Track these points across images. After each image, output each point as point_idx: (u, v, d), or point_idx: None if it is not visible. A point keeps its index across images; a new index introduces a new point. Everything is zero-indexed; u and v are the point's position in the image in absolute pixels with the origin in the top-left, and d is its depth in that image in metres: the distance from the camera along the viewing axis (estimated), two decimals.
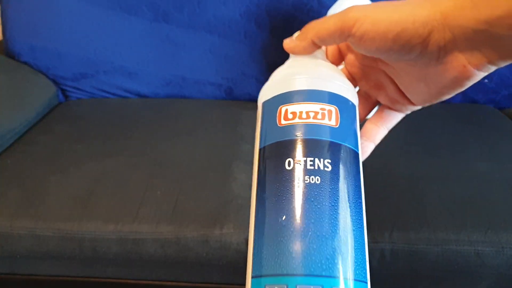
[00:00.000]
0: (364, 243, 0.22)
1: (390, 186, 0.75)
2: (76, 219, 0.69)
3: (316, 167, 0.23)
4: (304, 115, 0.24)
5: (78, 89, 1.12)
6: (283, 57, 0.25)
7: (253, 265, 0.22)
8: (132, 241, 0.68)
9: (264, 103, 0.27)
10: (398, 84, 0.27)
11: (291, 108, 0.25)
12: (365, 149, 0.29)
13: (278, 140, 0.24)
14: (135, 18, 1.05)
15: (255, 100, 1.15)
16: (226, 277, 0.74)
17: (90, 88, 1.12)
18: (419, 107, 0.28)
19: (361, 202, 0.24)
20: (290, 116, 0.24)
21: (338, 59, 0.30)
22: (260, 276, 0.21)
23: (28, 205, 0.71)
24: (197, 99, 1.12)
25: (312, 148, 0.23)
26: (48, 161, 0.82)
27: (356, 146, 0.25)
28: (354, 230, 0.22)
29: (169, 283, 0.75)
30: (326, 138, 0.24)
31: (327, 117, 0.24)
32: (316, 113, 0.24)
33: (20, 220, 0.69)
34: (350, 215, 0.22)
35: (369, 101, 0.31)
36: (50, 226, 0.69)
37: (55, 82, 1.11)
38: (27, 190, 0.74)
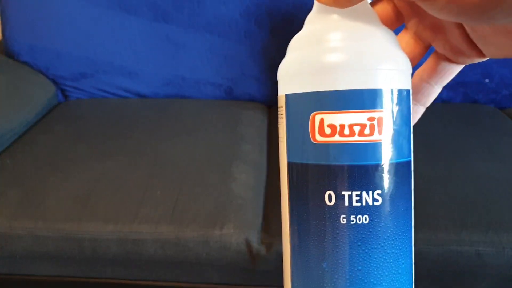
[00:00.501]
0: (411, 269, 0.20)
1: None
2: (76, 219, 0.69)
3: (364, 203, 0.19)
4: (346, 131, 0.19)
5: (77, 89, 1.12)
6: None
7: None
8: (132, 241, 0.68)
9: (289, 97, 0.20)
10: (468, 31, 0.19)
11: (329, 118, 0.19)
12: (414, 115, 0.23)
13: (313, 163, 0.19)
14: (135, 18, 1.05)
15: (255, 100, 1.16)
16: (226, 277, 0.74)
17: (89, 88, 1.12)
18: (487, 59, 0.21)
19: (411, 223, 0.20)
20: (327, 130, 0.19)
21: None
22: None
23: (28, 205, 0.71)
24: (197, 99, 1.12)
25: (358, 177, 0.19)
26: (47, 161, 0.82)
27: (409, 153, 0.20)
28: (403, 264, 0.19)
29: (169, 284, 0.75)
30: (376, 161, 0.19)
31: (377, 129, 0.19)
32: (363, 126, 0.19)
33: (20, 220, 0.69)
34: (400, 250, 0.19)
35: (418, 47, 0.23)
36: (50, 226, 0.68)
37: (54, 82, 1.11)
38: (26, 190, 0.74)
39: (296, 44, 0.21)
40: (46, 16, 1.05)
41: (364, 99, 0.19)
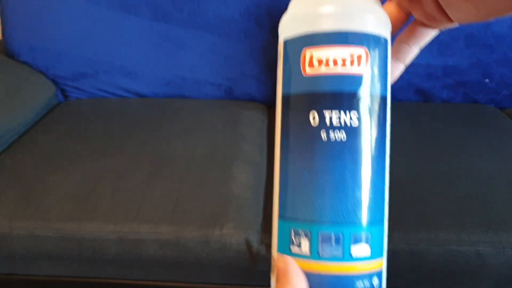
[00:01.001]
0: (384, 189, 0.24)
1: (391, 186, 0.74)
2: (76, 219, 0.69)
3: (343, 123, 0.22)
4: (331, 63, 0.23)
5: (77, 88, 1.12)
6: None
7: (280, 207, 0.24)
8: (132, 242, 0.68)
9: (287, 43, 0.25)
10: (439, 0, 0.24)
11: (317, 53, 0.23)
12: (394, 70, 0.27)
13: (302, 92, 0.23)
14: (134, 18, 1.05)
15: (255, 100, 1.16)
16: (226, 277, 0.74)
17: (89, 88, 1.12)
18: (457, 25, 0.26)
19: (385, 150, 0.24)
20: (315, 63, 0.23)
21: None
22: (286, 218, 0.23)
23: (28, 205, 0.71)
24: (197, 99, 1.12)
25: (339, 102, 0.23)
26: (47, 161, 0.82)
27: (385, 90, 0.24)
28: (375, 181, 0.23)
29: (168, 284, 0.75)
30: (354, 89, 0.23)
31: (356, 63, 0.23)
32: (344, 60, 0.23)
33: (20, 220, 0.69)
34: (373, 166, 0.23)
35: (400, 15, 0.28)
36: (50, 226, 0.68)
37: (54, 81, 1.11)
38: (26, 190, 0.74)
39: (294, 2, 0.26)
40: (46, 16, 1.05)
41: (348, 38, 0.23)
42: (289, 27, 0.25)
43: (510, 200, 0.71)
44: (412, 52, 0.27)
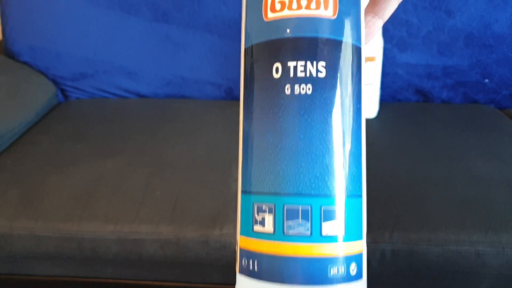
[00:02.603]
0: (360, 156, 0.20)
1: (391, 186, 0.75)
2: (76, 219, 0.69)
3: (308, 74, 0.19)
4: (294, 5, 0.20)
5: (77, 89, 1.12)
6: None
7: (242, 181, 0.21)
8: (132, 242, 0.68)
9: None
10: None
11: None
12: (372, 28, 0.24)
13: (264, 40, 0.20)
14: (134, 18, 1.05)
15: None
16: (226, 277, 0.74)
17: (89, 88, 1.12)
18: None
19: (359, 108, 0.21)
20: (278, 6, 0.20)
21: None
22: (249, 192, 0.20)
23: (28, 205, 0.71)
24: (197, 99, 1.12)
25: (304, 49, 0.20)
26: (47, 161, 0.82)
27: (358, 39, 0.21)
28: (349, 144, 0.20)
29: (168, 284, 0.75)
30: (321, 34, 0.20)
31: (323, 5, 0.20)
32: (309, 1, 0.20)
33: (20, 220, 0.69)
34: (345, 127, 0.20)
35: None
36: (50, 226, 0.68)
37: (54, 82, 1.11)
38: (26, 190, 0.74)
39: None
40: (46, 16, 1.05)
41: None
42: None
43: (510, 200, 0.71)
44: (391, 6, 0.25)
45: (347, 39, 0.20)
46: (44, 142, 0.89)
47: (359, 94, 0.21)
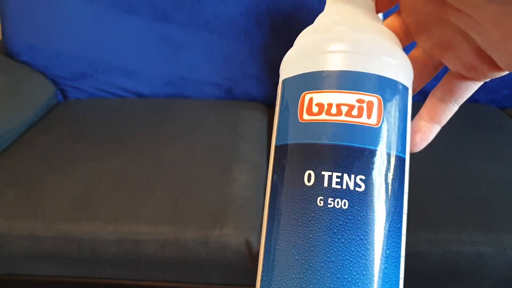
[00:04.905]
0: (397, 284, 0.18)
1: None
2: (75, 219, 0.69)
3: (345, 186, 0.17)
4: (333, 110, 0.18)
5: (77, 88, 1.12)
6: (283, 56, 0.22)
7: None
8: (132, 242, 0.68)
9: (285, 82, 0.21)
10: (478, 41, 0.18)
11: (318, 97, 0.18)
12: (428, 134, 0.22)
13: (297, 142, 0.19)
14: (134, 18, 1.05)
15: (255, 100, 1.15)
16: (225, 278, 0.74)
17: (89, 88, 1.12)
18: (505, 73, 0.20)
19: (400, 228, 0.18)
20: (315, 109, 0.18)
21: (388, 2, 0.22)
22: None
23: (27, 205, 0.71)
24: (197, 99, 1.12)
25: (341, 158, 0.18)
26: (47, 161, 0.82)
27: (403, 150, 0.19)
28: (386, 270, 0.17)
29: (168, 284, 0.75)
30: (361, 144, 0.18)
31: (366, 113, 0.18)
32: (351, 107, 0.18)
33: (19, 220, 0.69)
34: (383, 251, 0.17)
35: (429, 65, 0.22)
36: (49, 226, 0.68)
37: (54, 81, 1.11)
38: (26, 191, 0.74)
39: (299, 37, 0.22)
40: (46, 16, 1.05)
41: (355, 81, 0.18)
42: (289, 64, 0.21)
43: (510, 200, 0.71)
44: (449, 110, 0.22)
45: (391, 150, 0.18)
46: (43, 142, 0.89)
47: (400, 212, 0.18)
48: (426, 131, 0.22)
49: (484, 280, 0.69)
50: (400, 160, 0.19)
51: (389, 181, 0.18)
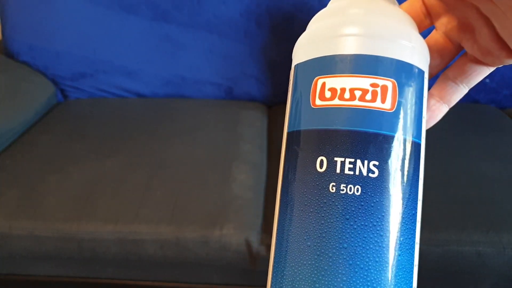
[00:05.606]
0: (412, 271, 0.18)
1: None
2: (75, 219, 0.69)
3: (358, 172, 0.17)
4: (347, 95, 0.18)
5: (77, 88, 1.12)
6: (283, 56, 0.22)
7: (272, 282, 0.18)
8: (132, 242, 0.67)
9: (297, 67, 0.20)
10: (498, 28, 0.18)
11: (330, 81, 0.18)
12: (436, 113, 0.22)
13: (309, 128, 0.18)
14: (134, 18, 1.05)
15: (255, 100, 1.15)
16: (225, 278, 0.74)
17: (89, 88, 1.12)
18: None
19: (414, 214, 0.18)
20: (328, 94, 0.18)
21: None
22: None
23: (27, 205, 0.71)
24: (197, 99, 1.12)
25: (354, 144, 0.17)
26: (47, 161, 0.82)
27: (419, 135, 0.19)
28: (399, 257, 0.17)
29: (168, 284, 0.75)
30: (375, 129, 0.17)
31: (380, 97, 0.18)
32: (365, 91, 0.18)
33: (19, 220, 0.69)
34: (396, 237, 0.17)
35: (447, 48, 0.22)
36: (49, 226, 0.68)
37: (54, 81, 1.11)
38: (26, 191, 0.74)
39: (312, 21, 0.21)
40: (46, 16, 1.05)
41: (369, 64, 0.18)
42: (301, 49, 0.20)
43: (510, 200, 0.71)
44: (460, 92, 0.22)
45: (406, 135, 0.18)
46: (43, 142, 0.89)
47: (415, 198, 0.18)
48: (435, 109, 0.22)
49: (484, 280, 0.69)
50: (415, 146, 0.19)
51: (404, 167, 0.18)
